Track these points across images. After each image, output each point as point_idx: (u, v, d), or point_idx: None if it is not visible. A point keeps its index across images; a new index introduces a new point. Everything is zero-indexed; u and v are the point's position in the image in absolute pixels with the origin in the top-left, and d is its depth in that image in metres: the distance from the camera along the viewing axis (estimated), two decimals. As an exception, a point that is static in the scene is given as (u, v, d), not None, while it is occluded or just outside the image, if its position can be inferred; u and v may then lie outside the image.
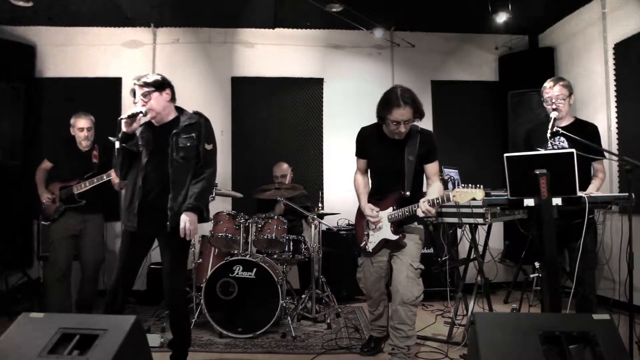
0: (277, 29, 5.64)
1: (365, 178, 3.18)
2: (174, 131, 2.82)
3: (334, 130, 5.55)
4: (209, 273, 3.79)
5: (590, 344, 1.90)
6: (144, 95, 2.79)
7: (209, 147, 2.89)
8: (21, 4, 4.53)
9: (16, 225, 4.91)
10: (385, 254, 3.06)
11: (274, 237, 4.01)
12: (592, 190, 2.88)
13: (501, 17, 4.94)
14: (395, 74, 5.78)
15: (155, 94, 2.82)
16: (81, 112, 3.91)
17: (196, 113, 2.97)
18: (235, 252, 3.98)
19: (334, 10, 4.88)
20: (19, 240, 4.95)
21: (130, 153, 2.79)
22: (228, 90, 5.61)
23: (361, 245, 3.14)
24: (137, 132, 2.83)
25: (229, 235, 4.02)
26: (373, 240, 3.06)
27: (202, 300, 3.73)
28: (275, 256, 4.12)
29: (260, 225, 4.07)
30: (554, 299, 2.46)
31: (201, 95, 5.59)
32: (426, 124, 5.67)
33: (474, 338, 2.00)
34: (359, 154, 3.15)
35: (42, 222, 4.13)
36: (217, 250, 4.23)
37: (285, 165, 4.88)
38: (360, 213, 3.18)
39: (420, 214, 2.76)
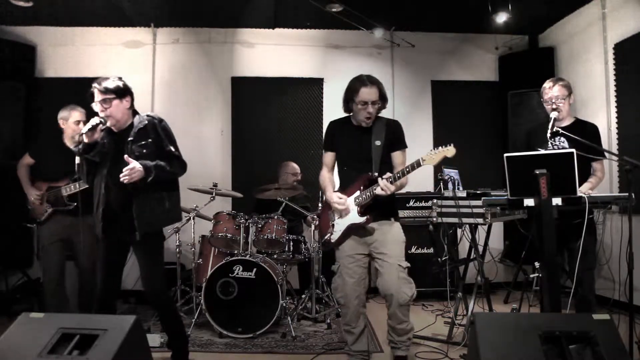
0: (277, 29, 5.64)
1: (331, 174, 3.09)
2: (129, 139, 2.77)
3: (334, 130, 5.54)
4: (209, 273, 3.80)
5: (590, 344, 1.90)
6: (104, 101, 2.71)
7: (171, 148, 2.87)
8: (21, 4, 4.53)
9: (16, 225, 4.90)
10: (365, 249, 2.88)
11: (274, 237, 4.01)
12: (586, 189, 2.87)
13: (501, 17, 4.94)
14: (395, 74, 5.78)
15: (116, 101, 2.74)
16: (72, 105, 3.59)
17: (148, 115, 2.88)
18: (235, 252, 3.98)
19: (334, 10, 4.89)
20: (19, 240, 4.95)
21: (92, 162, 2.75)
22: (228, 90, 5.61)
23: (325, 238, 2.99)
24: (99, 141, 2.77)
25: (229, 235, 4.02)
26: (338, 228, 2.92)
27: (202, 300, 3.73)
28: (275, 256, 4.12)
29: (260, 225, 4.07)
30: (554, 299, 2.46)
31: (201, 95, 5.60)
32: (426, 124, 5.76)
33: (474, 338, 2.01)
34: (328, 146, 3.07)
35: (28, 225, 3.80)
36: (217, 250, 4.23)
37: (297, 166, 4.88)
38: (325, 205, 3.07)
39: (378, 191, 2.66)
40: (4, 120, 4.85)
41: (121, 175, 2.61)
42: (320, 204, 4.56)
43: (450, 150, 2.64)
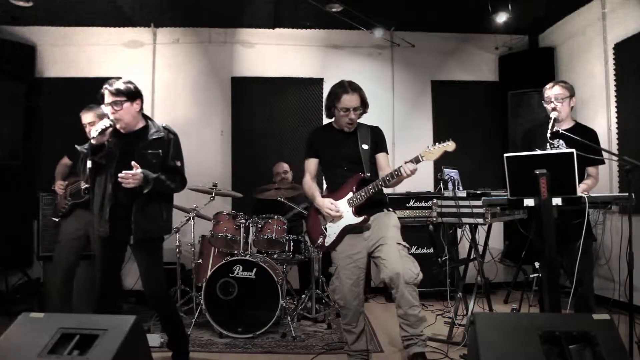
0: (277, 29, 5.64)
1: (314, 181, 3.05)
2: (141, 144, 2.79)
3: (334, 130, 5.54)
4: (209, 273, 3.80)
5: (590, 344, 1.90)
6: (115, 103, 2.72)
7: (177, 163, 2.89)
8: (21, 4, 4.53)
9: (16, 225, 4.91)
10: (363, 246, 2.85)
11: (274, 237, 4.01)
12: (580, 190, 2.87)
13: (501, 17, 4.94)
14: (395, 74, 5.78)
15: (127, 104, 2.75)
16: (88, 107, 3.59)
17: (165, 127, 2.91)
18: (235, 252, 3.98)
19: (334, 10, 4.89)
20: (19, 240, 4.95)
21: (99, 164, 2.76)
22: (228, 90, 5.62)
23: (317, 243, 2.96)
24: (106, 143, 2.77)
25: (229, 235, 4.02)
26: (331, 232, 2.89)
27: (202, 300, 3.73)
28: (275, 256, 4.12)
29: (260, 225, 4.07)
30: (554, 299, 2.46)
31: (201, 95, 5.60)
32: (426, 124, 5.77)
33: (474, 338, 2.00)
34: (310, 153, 3.05)
35: (52, 218, 3.82)
36: (217, 250, 4.23)
37: (285, 164, 4.91)
38: (313, 210, 3.03)
39: (404, 172, 2.65)
40: (4, 120, 4.86)
41: (119, 175, 2.63)
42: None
43: (450, 146, 2.67)
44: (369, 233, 2.87)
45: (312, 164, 3.05)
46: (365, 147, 2.90)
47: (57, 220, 3.75)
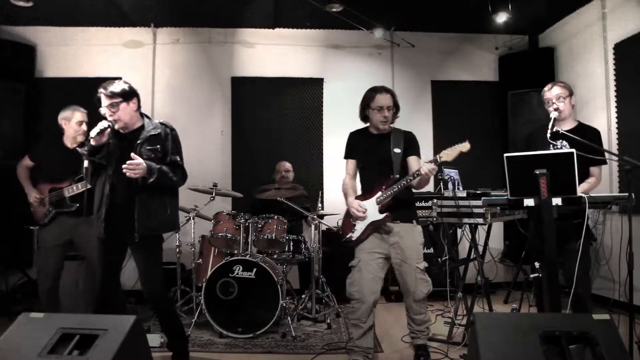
0: (277, 29, 5.64)
1: (354, 181, 3.23)
2: (138, 142, 2.81)
3: (334, 130, 5.54)
4: (209, 273, 3.79)
5: (590, 344, 1.90)
6: (112, 105, 2.75)
7: (177, 158, 2.90)
8: (21, 4, 4.53)
9: (16, 225, 4.90)
10: (385, 248, 3.01)
11: (274, 237, 4.01)
12: (582, 189, 2.87)
13: (501, 17, 4.94)
14: (395, 74, 5.78)
15: (123, 104, 2.77)
16: (74, 106, 3.59)
17: (162, 123, 2.92)
18: (235, 252, 3.98)
19: (334, 10, 4.89)
20: (19, 241, 4.95)
21: (99, 164, 2.78)
22: (228, 90, 5.61)
23: (346, 237, 3.12)
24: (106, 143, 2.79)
25: (229, 235, 4.02)
26: (359, 227, 3.06)
27: (202, 300, 3.73)
28: (275, 256, 4.12)
29: (260, 225, 4.07)
30: (554, 299, 2.46)
31: (201, 95, 5.60)
32: (426, 124, 5.76)
33: (474, 338, 2.01)
34: (349, 154, 3.24)
35: (30, 227, 3.70)
36: (217, 250, 4.23)
37: (288, 163, 4.91)
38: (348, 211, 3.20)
39: (424, 171, 2.77)
40: (4, 120, 4.86)
41: (124, 165, 2.63)
42: (320, 204, 4.57)
43: (465, 146, 2.81)
44: (394, 239, 3.00)
45: (350, 165, 3.24)
46: (397, 150, 3.06)
47: (34, 228, 3.63)
